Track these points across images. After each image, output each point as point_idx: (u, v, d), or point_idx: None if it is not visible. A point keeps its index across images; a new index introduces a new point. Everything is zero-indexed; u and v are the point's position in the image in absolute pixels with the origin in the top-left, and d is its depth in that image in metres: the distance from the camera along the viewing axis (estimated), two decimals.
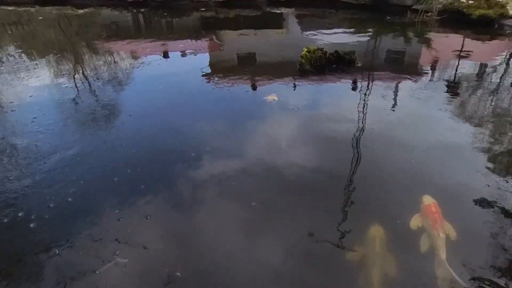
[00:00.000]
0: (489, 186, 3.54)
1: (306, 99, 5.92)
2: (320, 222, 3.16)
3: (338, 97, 6.12)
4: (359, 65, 7.42)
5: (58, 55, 8.67)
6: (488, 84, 6.55)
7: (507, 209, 3.20)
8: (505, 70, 7.34)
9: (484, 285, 2.43)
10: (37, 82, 6.67)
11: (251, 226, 3.17)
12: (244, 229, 3.14)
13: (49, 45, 9.82)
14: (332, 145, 4.46)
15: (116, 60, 8.39)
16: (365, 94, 6.01)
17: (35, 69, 7.48)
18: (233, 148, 4.37)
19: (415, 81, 6.77)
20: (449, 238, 2.83)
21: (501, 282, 2.48)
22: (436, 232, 2.84)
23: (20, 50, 9.23)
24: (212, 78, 6.95)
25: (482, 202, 3.29)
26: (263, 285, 2.59)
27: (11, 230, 3.08)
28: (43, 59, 8.33)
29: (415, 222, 3.05)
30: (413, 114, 5.36)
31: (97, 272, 2.63)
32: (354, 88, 6.40)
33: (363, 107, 5.46)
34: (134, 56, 8.63)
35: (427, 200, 3.23)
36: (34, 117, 5.14)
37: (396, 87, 6.46)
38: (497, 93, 6.13)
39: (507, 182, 3.61)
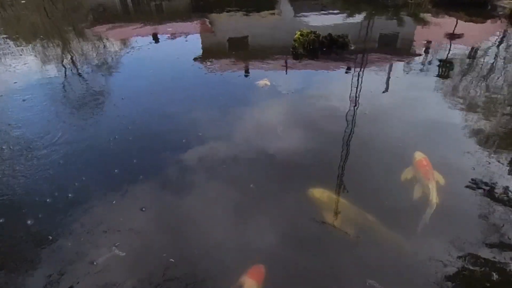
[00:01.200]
0: (470, 152, 3.82)
1: (299, 83, 5.88)
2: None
3: (331, 81, 6.09)
4: (353, 48, 7.36)
5: (44, 40, 8.42)
6: (481, 65, 6.57)
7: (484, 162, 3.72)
8: (497, 51, 7.36)
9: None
10: (23, 69, 6.49)
11: (250, 207, 3.21)
12: (244, 210, 3.17)
13: (35, 30, 9.52)
14: (325, 129, 4.46)
15: (104, 44, 8.18)
16: (358, 77, 5.99)
17: (21, 55, 7.27)
18: (225, 133, 4.34)
19: (408, 63, 6.75)
20: (439, 184, 3.26)
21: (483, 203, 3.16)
22: (428, 180, 3.21)
23: (4, 36, 8.93)
24: (204, 62, 6.84)
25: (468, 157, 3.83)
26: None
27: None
28: (29, 44, 8.08)
29: (407, 174, 3.44)
30: (406, 95, 5.37)
31: (94, 263, 2.62)
32: (347, 71, 6.37)
33: (356, 90, 5.44)
34: (123, 41, 8.42)
35: (419, 155, 3.60)
36: (21, 102, 5.03)
37: (390, 69, 6.44)
38: (489, 74, 6.15)
39: (488, 146, 3.73)
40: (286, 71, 6.44)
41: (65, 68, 6.63)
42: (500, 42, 8.04)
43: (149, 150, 4.04)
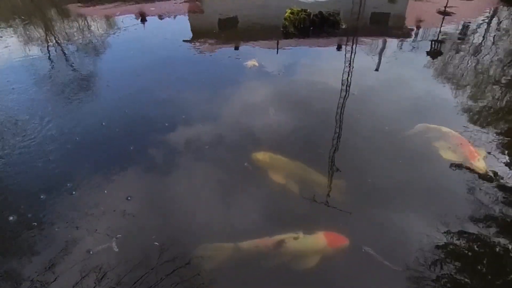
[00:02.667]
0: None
1: (290, 64, 5.80)
2: None
3: (322, 61, 6.03)
4: (344, 27, 7.25)
5: (27, 21, 8.11)
6: (472, 42, 6.56)
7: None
8: (488, 28, 7.34)
9: None
10: (4, 52, 6.27)
11: (249, 185, 3.25)
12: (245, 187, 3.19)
13: (16, 10, 9.15)
14: (313, 109, 4.44)
15: (90, 26, 7.92)
16: (350, 57, 5.93)
17: (1, 37, 7.01)
18: (212, 115, 4.28)
19: (401, 41, 6.70)
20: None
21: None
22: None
23: None
24: (193, 43, 6.69)
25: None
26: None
27: None
28: (10, 26, 7.78)
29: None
30: (397, 73, 5.37)
31: (91, 252, 2.61)
32: (338, 50, 6.30)
33: (348, 70, 5.40)
34: (109, 21, 8.16)
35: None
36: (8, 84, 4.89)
37: (381, 47, 6.39)
38: (479, 51, 6.15)
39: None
40: (277, 50, 6.34)
41: (49, 51, 6.42)
42: (491, 19, 8.01)
43: (137, 132, 3.99)
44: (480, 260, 2.53)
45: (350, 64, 5.61)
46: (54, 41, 6.93)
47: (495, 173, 3.25)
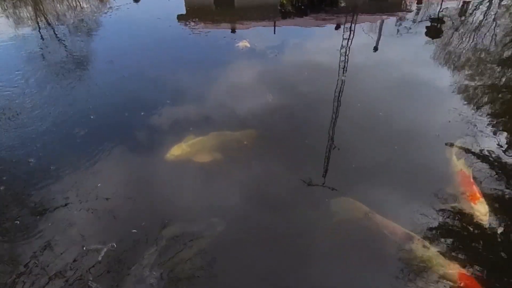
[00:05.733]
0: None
1: (287, 44, 5.68)
2: None
3: (320, 41, 5.90)
4: (343, 5, 7.07)
5: (15, 0, 7.83)
6: (472, 20, 6.45)
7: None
8: (489, 6, 7.19)
9: None
10: None
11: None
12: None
13: None
14: (308, 94, 4.37)
15: (81, 4, 7.67)
16: (349, 36, 5.81)
17: None
18: (203, 96, 4.25)
19: (400, 19, 6.57)
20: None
21: None
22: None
23: None
24: (187, 22, 6.51)
25: None
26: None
27: None
28: None
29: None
30: (397, 52, 5.30)
31: (84, 248, 2.60)
32: (337, 29, 6.17)
33: (346, 51, 5.29)
34: (101, 0, 7.90)
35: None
36: None
37: (381, 26, 6.26)
38: (479, 29, 6.05)
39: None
40: (274, 30, 6.21)
41: (40, 33, 6.24)
42: None
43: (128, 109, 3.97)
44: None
45: (347, 43, 5.49)
46: (46, 21, 6.72)
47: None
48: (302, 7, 6.83)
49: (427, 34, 5.89)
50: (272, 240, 2.59)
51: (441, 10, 6.90)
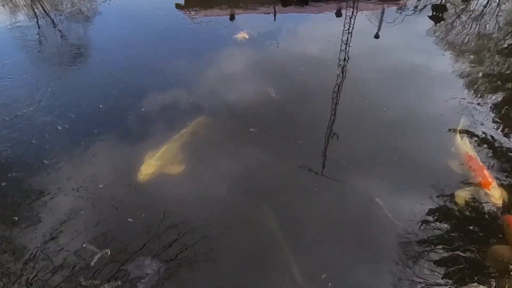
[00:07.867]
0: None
1: (287, 34, 5.60)
2: None
3: (321, 30, 5.80)
4: None
5: None
6: (474, 7, 6.37)
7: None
8: None
9: None
10: None
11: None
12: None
13: None
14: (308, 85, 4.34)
15: None
16: (349, 25, 5.73)
17: None
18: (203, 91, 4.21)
19: (401, 6, 6.49)
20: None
21: None
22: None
23: None
24: (186, 11, 6.41)
25: None
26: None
27: None
28: None
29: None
30: (398, 39, 5.28)
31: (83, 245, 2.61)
32: (338, 16, 6.10)
33: (347, 39, 5.22)
34: None
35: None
36: None
37: (382, 13, 6.19)
38: (481, 18, 5.99)
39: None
40: (274, 18, 6.13)
41: (38, 23, 6.15)
42: None
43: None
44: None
45: (348, 31, 5.43)
46: (42, 9, 6.62)
47: None
48: None
49: (430, 18, 5.84)
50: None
51: None
